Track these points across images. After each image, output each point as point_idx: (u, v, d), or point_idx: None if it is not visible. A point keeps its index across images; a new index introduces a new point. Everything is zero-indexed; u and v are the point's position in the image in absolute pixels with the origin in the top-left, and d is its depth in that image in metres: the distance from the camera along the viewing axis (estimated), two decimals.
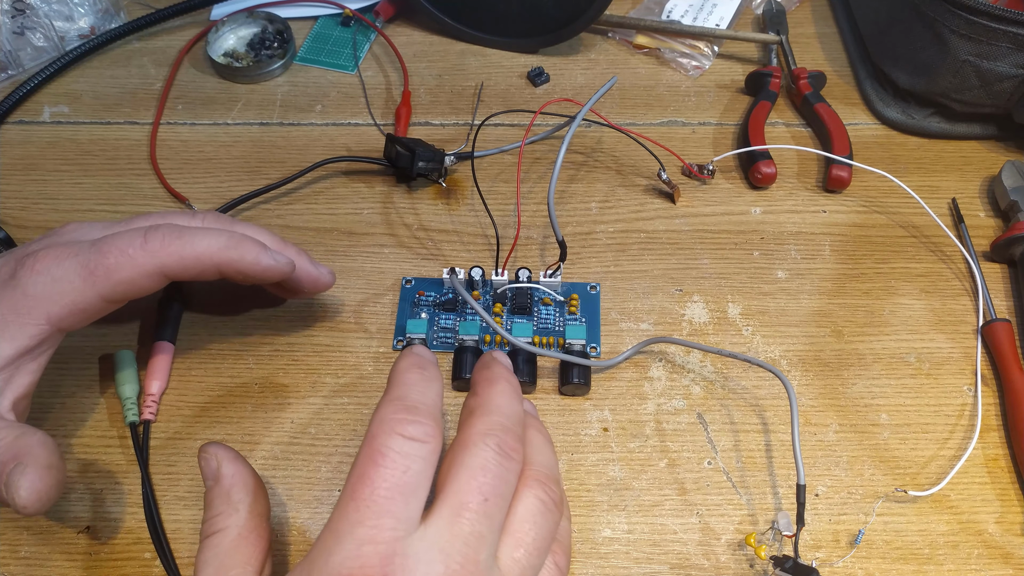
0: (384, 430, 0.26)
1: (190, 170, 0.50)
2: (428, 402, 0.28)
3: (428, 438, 0.26)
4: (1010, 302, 0.44)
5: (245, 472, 0.31)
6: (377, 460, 0.25)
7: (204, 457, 0.31)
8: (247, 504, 0.30)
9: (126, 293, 0.34)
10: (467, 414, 0.29)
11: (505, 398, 0.29)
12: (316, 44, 0.57)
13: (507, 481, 0.27)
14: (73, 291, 0.33)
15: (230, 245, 0.35)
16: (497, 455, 0.27)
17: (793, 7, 0.59)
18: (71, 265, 0.33)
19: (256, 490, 0.31)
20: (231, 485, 0.31)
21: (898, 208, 0.48)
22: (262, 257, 0.35)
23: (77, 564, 0.36)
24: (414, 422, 0.26)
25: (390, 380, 0.29)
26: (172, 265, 0.34)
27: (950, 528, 0.37)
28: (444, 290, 0.44)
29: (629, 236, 0.47)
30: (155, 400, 0.40)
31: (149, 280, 0.34)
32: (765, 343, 0.43)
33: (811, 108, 0.51)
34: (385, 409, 0.27)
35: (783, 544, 0.36)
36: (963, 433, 0.40)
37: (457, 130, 0.52)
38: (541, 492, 0.28)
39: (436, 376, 0.29)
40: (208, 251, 0.34)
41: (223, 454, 0.31)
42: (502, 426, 0.28)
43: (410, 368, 0.29)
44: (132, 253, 0.33)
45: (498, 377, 0.30)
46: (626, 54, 0.57)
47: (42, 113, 0.53)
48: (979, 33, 0.45)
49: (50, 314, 0.33)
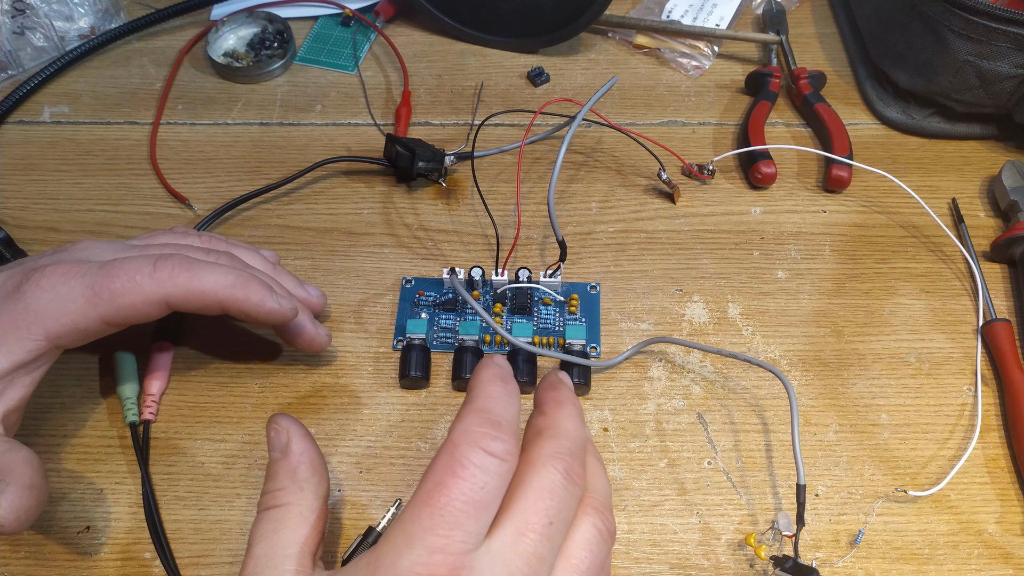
0: (467, 440, 0.26)
1: (190, 170, 0.50)
2: (510, 418, 0.28)
3: (508, 456, 0.26)
4: (1010, 302, 0.44)
5: (314, 451, 0.31)
6: (457, 471, 0.26)
7: (275, 428, 0.31)
8: (313, 484, 0.30)
9: (128, 318, 0.34)
10: (535, 434, 0.29)
11: (573, 422, 0.29)
12: (316, 44, 0.57)
13: (570, 506, 0.27)
14: (75, 311, 0.33)
15: (237, 284, 0.35)
16: (564, 479, 0.27)
17: (793, 7, 0.59)
18: (77, 285, 0.33)
19: (323, 472, 0.31)
20: (299, 462, 0.30)
21: (898, 208, 0.48)
22: (266, 300, 0.36)
23: (77, 564, 0.36)
24: (497, 438, 0.26)
25: (472, 389, 0.29)
26: (177, 296, 0.34)
27: (950, 528, 0.37)
28: (444, 290, 0.44)
29: (629, 236, 0.47)
30: (155, 400, 0.40)
31: (152, 308, 0.34)
32: (765, 343, 0.43)
33: (811, 108, 0.51)
34: (469, 420, 0.27)
35: (783, 544, 0.36)
36: (963, 433, 0.40)
37: (457, 130, 0.52)
38: (599, 520, 0.28)
39: (517, 391, 0.29)
40: (214, 288, 0.34)
41: (295, 429, 0.31)
42: (569, 451, 0.28)
43: (494, 380, 0.29)
44: (139, 280, 0.33)
45: (566, 400, 0.30)
46: (626, 54, 0.57)
47: (42, 113, 0.53)
48: (979, 33, 0.45)
49: (49, 331, 0.33)
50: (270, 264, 0.40)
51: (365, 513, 0.37)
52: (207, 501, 0.38)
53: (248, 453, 0.39)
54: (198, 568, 0.36)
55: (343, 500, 0.38)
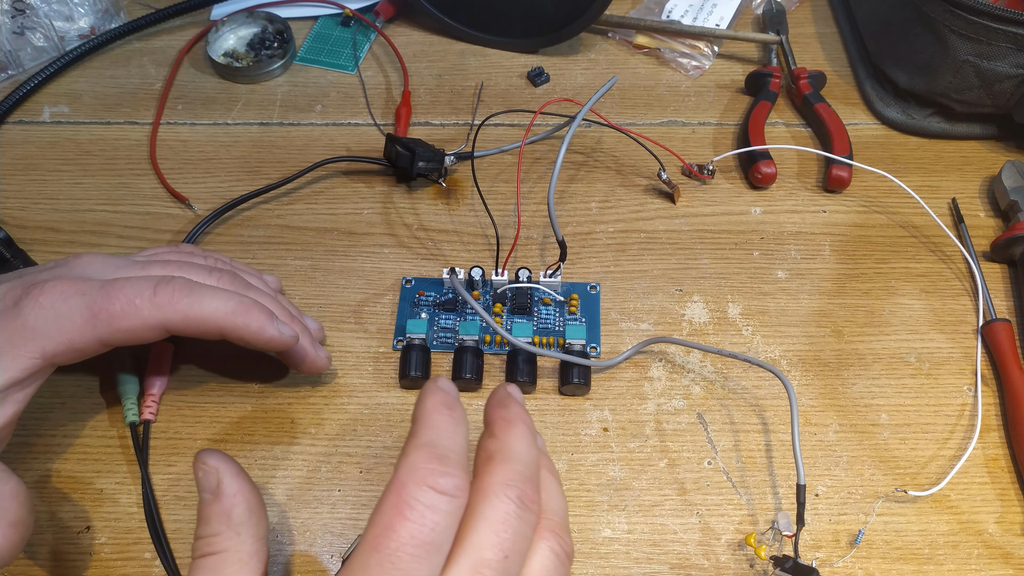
0: (414, 480, 0.25)
1: (190, 170, 0.50)
2: (458, 449, 0.26)
3: (458, 492, 0.25)
4: (1010, 302, 0.44)
5: (249, 490, 0.29)
6: (405, 512, 0.24)
7: (202, 468, 0.29)
8: (250, 527, 0.29)
9: (124, 340, 0.34)
10: (485, 459, 0.27)
11: (524, 443, 0.28)
12: (316, 44, 0.57)
13: (525, 535, 0.26)
14: (73, 330, 0.33)
15: (238, 311, 0.35)
16: (518, 508, 0.26)
17: (793, 7, 0.59)
18: (76, 304, 0.33)
19: (260, 511, 0.29)
20: (233, 504, 0.28)
21: (898, 208, 0.48)
22: (267, 328, 0.35)
23: (77, 564, 0.36)
24: (446, 474, 0.25)
25: (417, 420, 0.27)
26: (176, 322, 0.34)
27: (950, 528, 0.37)
28: (444, 290, 0.44)
29: (629, 236, 0.47)
30: (155, 400, 0.40)
31: (150, 332, 0.34)
32: (765, 343, 0.43)
33: (811, 108, 0.51)
34: (415, 456, 0.26)
35: (783, 544, 0.36)
36: (963, 433, 0.40)
37: (457, 130, 0.52)
38: (555, 544, 0.27)
39: (463, 417, 0.28)
40: (215, 315, 0.34)
41: (225, 467, 0.29)
42: (522, 476, 0.27)
43: (438, 408, 0.27)
44: (139, 304, 0.33)
45: (516, 419, 0.29)
46: (626, 54, 0.57)
47: (42, 113, 0.53)
48: (979, 33, 0.45)
49: (45, 349, 0.32)
50: (271, 291, 0.40)
51: (365, 513, 0.37)
52: None
53: (248, 453, 0.39)
54: None
55: (343, 500, 0.38)
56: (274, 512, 0.37)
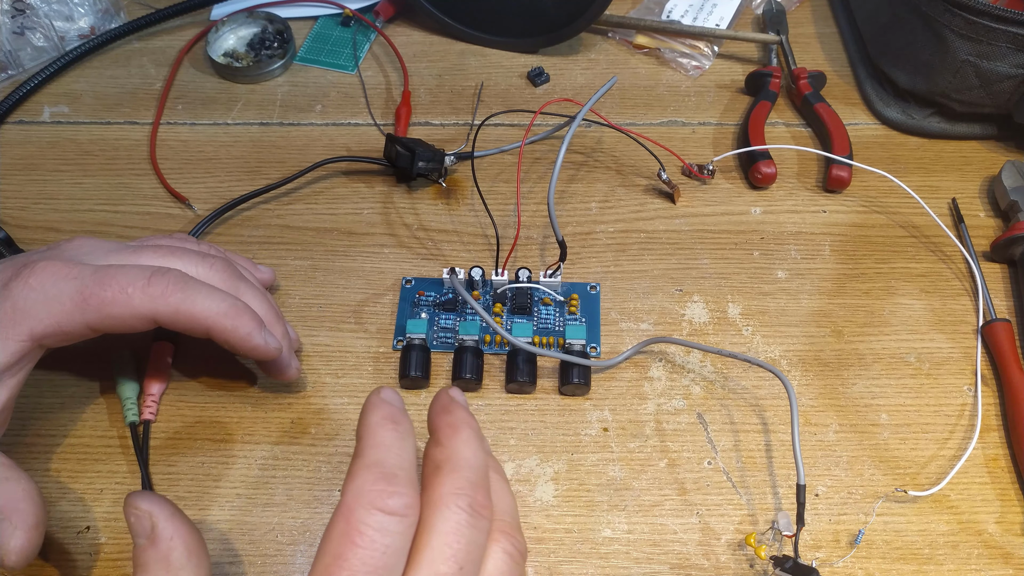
0: (362, 503, 0.24)
1: (190, 170, 0.50)
2: (406, 466, 0.26)
3: (408, 511, 0.25)
4: (1010, 302, 0.44)
5: (186, 531, 0.28)
6: (355, 539, 0.24)
7: (134, 513, 0.28)
8: (189, 570, 0.27)
9: (112, 327, 0.34)
10: (433, 469, 0.27)
11: (471, 448, 0.27)
12: (316, 44, 0.57)
13: (479, 544, 0.26)
14: (62, 313, 0.32)
15: (229, 314, 0.35)
16: (470, 517, 0.25)
17: (793, 7, 0.59)
18: (66, 288, 0.32)
19: (199, 551, 0.28)
20: (170, 548, 0.27)
21: (898, 208, 0.48)
22: (254, 336, 0.35)
23: (77, 564, 0.36)
24: (395, 494, 0.24)
25: (361, 437, 0.26)
26: (166, 315, 0.34)
27: (950, 528, 0.37)
28: (444, 290, 0.44)
29: (629, 236, 0.47)
30: (155, 400, 0.40)
31: (138, 322, 0.34)
32: (765, 343, 0.43)
33: (811, 108, 0.51)
34: (362, 477, 0.25)
35: (783, 544, 0.36)
36: (963, 433, 0.40)
37: (457, 130, 0.52)
38: (508, 545, 0.27)
39: (409, 430, 0.27)
40: (205, 314, 0.34)
41: (159, 510, 0.28)
42: (471, 483, 0.26)
43: (383, 424, 0.27)
44: (131, 293, 0.33)
45: (461, 423, 0.28)
46: (626, 54, 0.57)
47: (42, 113, 0.53)
48: (979, 33, 0.45)
49: (34, 331, 0.32)
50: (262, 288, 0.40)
51: None
52: (207, 501, 0.38)
53: (248, 453, 0.39)
54: None
55: None
56: (274, 512, 0.37)
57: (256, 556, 0.36)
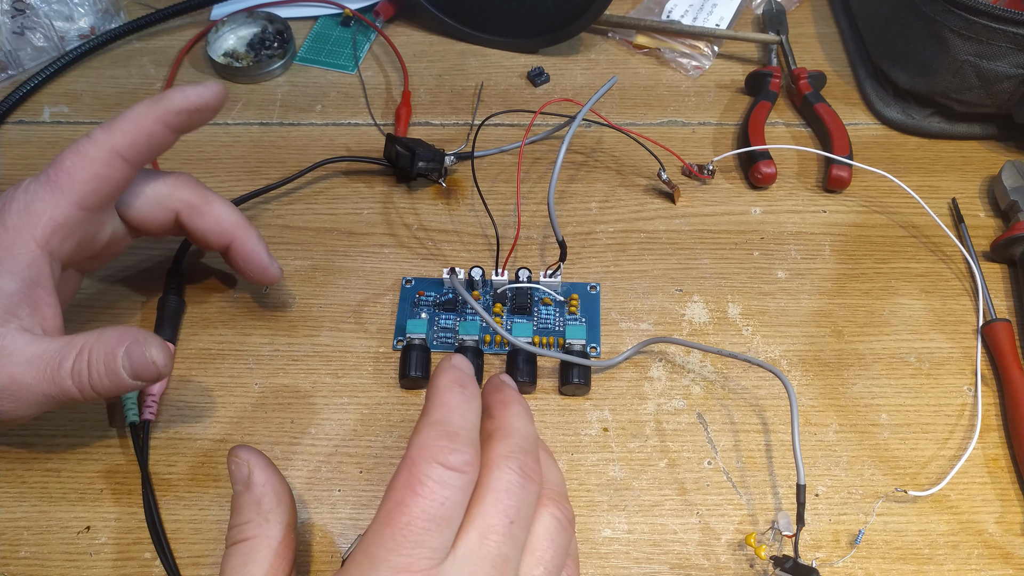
0: (424, 457, 0.26)
1: (190, 170, 0.49)
2: (469, 427, 0.28)
3: (468, 468, 0.26)
4: (1010, 302, 0.44)
5: (277, 480, 0.31)
6: (416, 488, 0.25)
7: (235, 461, 0.31)
8: (278, 514, 0.31)
9: (99, 192, 0.34)
10: (486, 437, 0.29)
11: (521, 420, 0.29)
12: (316, 44, 0.57)
13: (529, 502, 0.27)
14: (47, 208, 0.33)
15: (167, 122, 0.35)
16: (520, 477, 0.27)
17: (793, 7, 0.59)
18: (36, 186, 0.33)
19: (287, 500, 0.31)
20: (262, 493, 0.31)
21: (898, 208, 0.48)
22: (194, 100, 0.36)
23: (77, 564, 0.36)
24: (455, 450, 0.26)
25: (430, 397, 0.29)
26: (123, 144, 0.34)
27: (950, 528, 0.37)
28: (444, 290, 0.44)
29: (629, 236, 0.47)
30: (155, 400, 0.40)
31: (110, 169, 0.34)
32: (765, 343, 0.43)
33: (811, 108, 0.51)
34: (426, 433, 0.27)
35: (783, 544, 0.36)
36: (963, 433, 0.40)
37: (457, 130, 0.52)
38: (556, 511, 0.28)
39: (476, 394, 0.29)
40: (142, 120, 0.35)
41: (255, 460, 0.31)
42: (522, 448, 0.28)
43: (451, 386, 0.29)
44: (83, 149, 0.34)
45: (512, 400, 0.30)
46: (626, 54, 0.57)
47: (42, 113, 0.53)
48: (979, 33, 0.45)
49: (35, 236, 0.33)
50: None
51: (365, 513, 0.37)
52: (207, 501, 0.38)
53: None
54: (198, 568, 0.36)
55: (343, 500, 0.38)
56: None
57: None
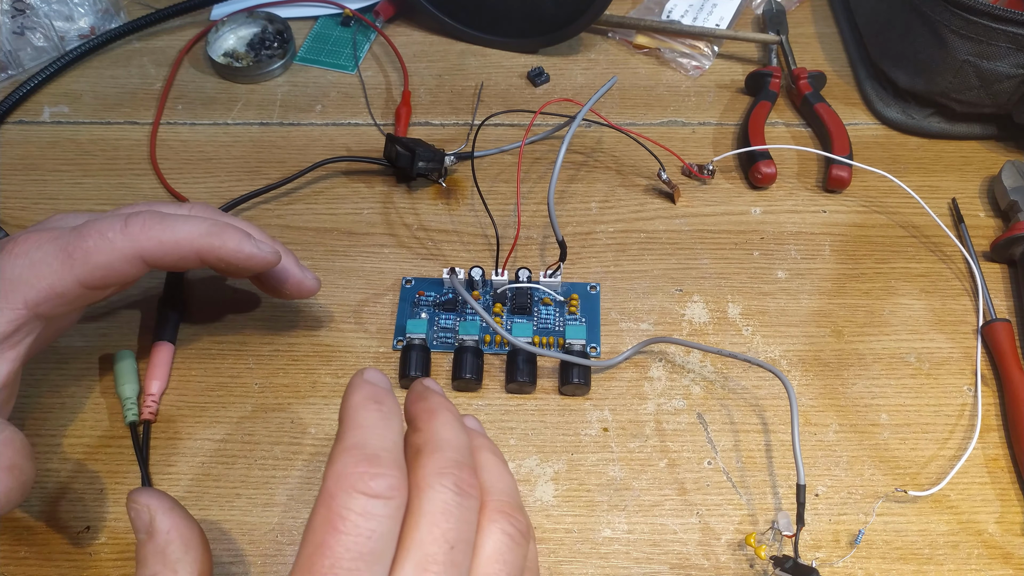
0: (343, 488, 0.23)
1: (190, 170, 0.50)
2: (390, 446, 0.24)
3: (394, 492, 0.23)
4: (1010, 302, 0.44)
5: (184, 525, 0.28)
6: (337, 525, 0.22)
7: (134, 508, 0.28)
8: (187, 564, 0.27)
9: (105, 278, 0.33)
10: (414, 453, 0.26)
11: (450, 429, 0.26)
12: (316, 44, 0.57)
13: (469, 522, 0.25)
14: (51, 274, 0.32)
15: (212, 232, 0.34)
16: (457, 495, 0.24)
17: (793, 7, 0.59)
18: (50, 248, 0.32)
19: (198, 546, 0.28)
20: (167, 541, 0.28)
21: (898, 208, 0.48)
22: (244, 244, 0.35)
23: (77, 564, 0.36)
24: (377, 475, 0.23)
25: (343, 420, 0.25)
26: (151, 250, 0.33)
27: (950, 528, 0.37)
28: (444, 290, 0.44)
29: (629, 236, 0.47)
30: (155, 400, 0.40)
31: (128, 265, 0.33)
32: (765, 343, 0.43)
33: (811, 108, 0.51)
34: (343, 461, 0.23)
35: (783, 544, 0.36)
36: (963, 433, 0.40)
37: (457, 130, 0.52)
38: (506, 524, 0.25)
39: (395, 409, 0.26)
40: (188, 237, 0.34)
41: (157, 503, 0.28)
42: (455, 462, 0.25)
43: (366, 404, 0.25)
44: (111, 236, 0.32)
45: (439, 407, 0.27)
46: (626, 54, 0.57)
47: (42, 113, 0.53)
48: (979, 33, 0.45)
49: (27, 299, 0.32)
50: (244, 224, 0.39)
51: None
52: (207, 501, 0.38)
53: (248, 453, 0.39)
54: None
55: None
56: (274, 512, 0.37)
57: (256, 556, 0.36)
